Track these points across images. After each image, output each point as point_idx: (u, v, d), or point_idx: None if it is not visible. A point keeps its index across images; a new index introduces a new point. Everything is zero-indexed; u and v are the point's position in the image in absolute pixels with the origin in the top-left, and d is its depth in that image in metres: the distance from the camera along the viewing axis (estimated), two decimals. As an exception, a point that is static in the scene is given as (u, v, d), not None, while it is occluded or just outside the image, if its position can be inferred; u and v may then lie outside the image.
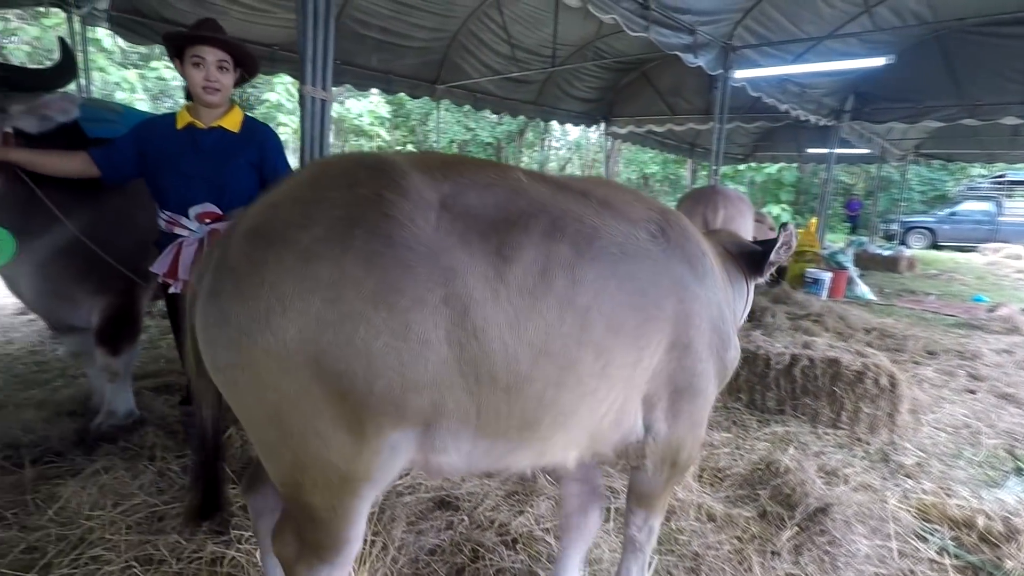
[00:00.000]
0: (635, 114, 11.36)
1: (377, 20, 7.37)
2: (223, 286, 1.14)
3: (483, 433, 1.27)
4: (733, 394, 3.68)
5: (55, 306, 2.65)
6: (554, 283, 1.25)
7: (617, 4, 4.27)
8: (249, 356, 1.11)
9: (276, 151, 2.33)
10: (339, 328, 1.08)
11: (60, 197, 2.37)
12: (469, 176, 1.29)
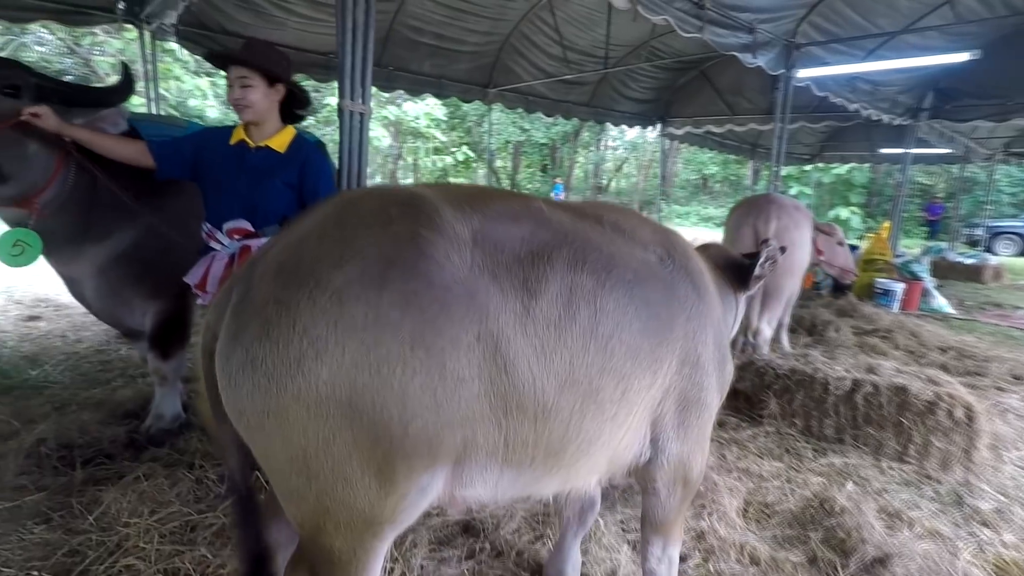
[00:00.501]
0: (693, 114, 10.99)
1: (430, 26, 7.41)
2: (249, 328, 1.08)
3: (510, 464, 1.27)
4: (787, 418, 3.45)
5: (113, 309, 2.76)
6: (578, 314, 1.27)
7: (669, 5, 4.08)
8: (278, 402, 1.06)
9: (316, 172, 2.30)
10: (375, 371, 1.05)
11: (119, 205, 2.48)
12: (496, 208, 1.29)
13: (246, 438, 1.17)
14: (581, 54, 8.55)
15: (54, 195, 2.35)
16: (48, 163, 2.30)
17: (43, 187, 2.30)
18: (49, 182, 2.32)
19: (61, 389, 3.52)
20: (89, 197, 2.44)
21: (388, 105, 21.24)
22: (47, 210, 2.34)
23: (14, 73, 2.21)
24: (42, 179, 2.29)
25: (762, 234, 3.81)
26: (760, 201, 4.06)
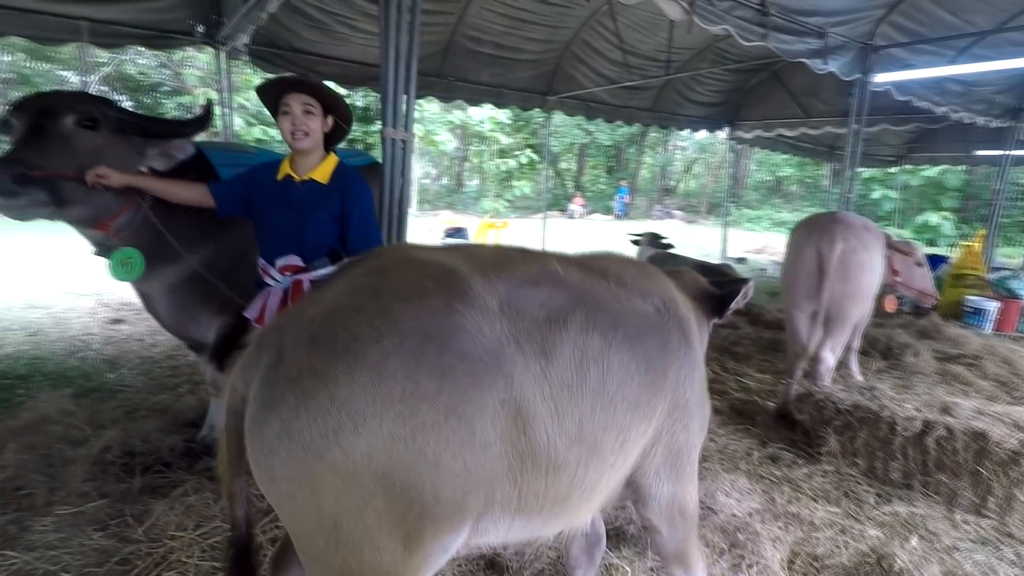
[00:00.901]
0: (763, 117, 10.52)
1: (490, 36, 7.44)
2: (284, 398, 1.08)
3: (521, 514, 1.33)
4: (848, 457, 3.21)
5: (182, 323, 2.92)
6: (588, 375, 1.33)
7: (729, 14, 3.89)
8: (314, 472, 1.08)
9: (355, 200, 2.34)
10: (411, 442, 1.08)
11: (188, 232, 2.64)
12: (518, 274, 1.34)
13: (274, 502, 1.18)
14: (644, 59, 8.35)
15: (128, 220, 2.50)
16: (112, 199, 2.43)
17: (117, 212, 2.46)
18: (124, 208, 2.47)
19: (133, 393, 3.76)
20: (167, 219, 2.58)
21: (454, 109, 21.56)
22: (122, 233, 2.51)
23: (93, 108, 2.35)
24: (116, 205, 2.44)
25: (826, 256, 3.56)
26: (825, 220, 3.79)
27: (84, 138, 2.29)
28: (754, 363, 5.01)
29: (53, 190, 2.19)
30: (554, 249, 1.67)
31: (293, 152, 2.35)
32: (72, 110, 2.29)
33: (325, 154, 2.40)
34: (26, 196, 2.14)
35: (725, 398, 4.19)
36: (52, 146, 2.22)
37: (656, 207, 28.84)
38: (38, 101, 2.33)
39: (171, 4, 5.64)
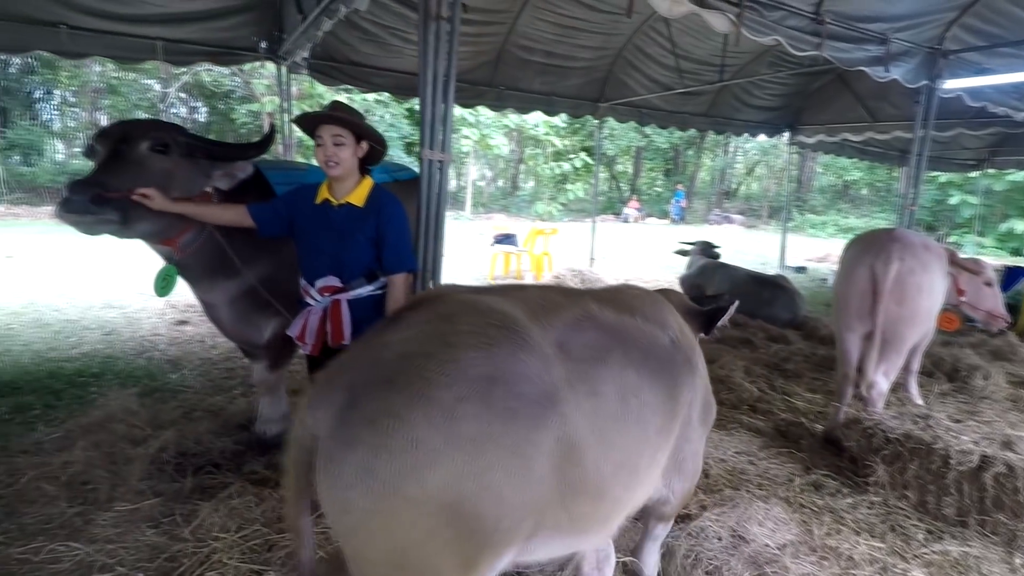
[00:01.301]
0: (828, 121, 10.11)
1: (541, 45, 7.47)
2: (363, 438, 1.16)
3: (566, 533, 1.46)
4: (898, 489, 3.06)
5: (242, 330, 3.12)
6: (629, 407, 1.49)
7: (780, 24, 3.78)
8: (388, 505, 1.15)
9: (388, 222, 2.45)
10: (479, 477, 1.18)
11: (249, 248, 2.81)
12: (565, 318, 1.48)
13: (343, 530, 1.25)
14: (699, 64, 8.19)
15: (193, 237, 2.69)
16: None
17: (183, 229, 2.65)
18: (189, 225, 2.65)
19: (192, 394, 4.00)
20: (229, 236, 2.76)
21: (509, 113, 21.70)
22: (188, 249, 2.70)
23: (164, 134, 2.56)
24: (180, 223, 2.62)
25: (880, 277, 3.40)
26: (881, 238, 3.61)
27: (157, 162, 2.50)
28: (804, 382, 4.83)
29: (123, 210, 2.38)
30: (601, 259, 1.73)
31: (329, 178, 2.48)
32: (147, 137, 2.49)
33: (361, 177, 2.52)
34: (97, 216, 2.32)
35: (770, 418, 4.07)
36: (128, 169, 2.42)
37: (714, 211, 28.09)
38: (118, 129, 2.56)
39: (238, 23, 5.95)
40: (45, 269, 8.26)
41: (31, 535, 2.40)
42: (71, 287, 7.11)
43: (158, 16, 5.58)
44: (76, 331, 5.34)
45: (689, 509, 2.75)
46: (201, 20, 5.79)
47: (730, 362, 4.94)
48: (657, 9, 3.52)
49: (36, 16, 5.15)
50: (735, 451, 3.51)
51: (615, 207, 28.50)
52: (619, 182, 33.32)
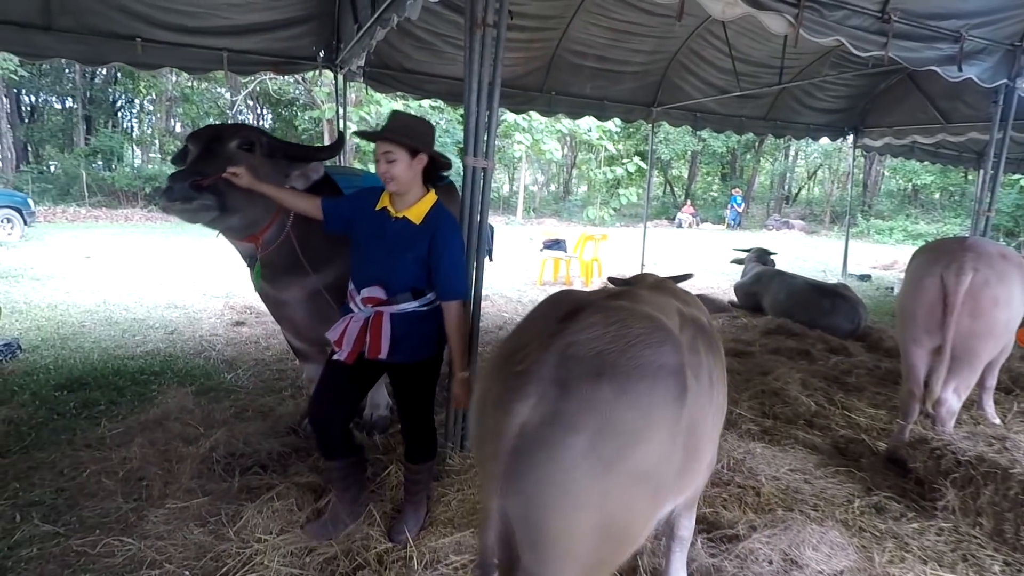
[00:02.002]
0: (895, 123, 9.63)
1: (594, 50, 7.42)
2: (585, 423, 1.32)
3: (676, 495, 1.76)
4: (970, 516, 2.84)
5: (317, 327, 3.14)
6: (713, 385, 1.75)
7: (842, 24, 3.60)
8: (608, 479, 1.32)
9: (445, 247, 2.38)
10: (666, 449, 1.42)
11: (324, 248, 2.93)
12: (677, 318, 1.73)
13: (554, 511, 1.35)
14: (757, 66, 7.95)
15: (274, 235, 2.82)
16: (269, 206, 2.74)
17: (266, 226, 2.78)
18: (271, 222, 2.79)
19: (244, 395, 4.13)
20: (304, 238, 2.85)
21: (562, 119, 21.64)
22: (270, 247, 2.83)
23: (250, 134, 2.75)
24: (264, 219, 2.75)
25: (951, 288, 3.18)
26: (952, 247, 3.37)
27: (243, 158, 2.66)
28: (866, 396, 4.58)
29: (220, 197, 2.54)
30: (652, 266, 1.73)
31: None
32: (236, 135, 2.70)
33: (425, 192, 2.46)
34: (199, 201, 2.49)
35: (828, 435, 3.87)
36: (219, 163, 2.59)
37: (773, 216, 27.17)
38: (209, 130, 2.77)
39: (298, 33, 6.16)
40: (119, 269, 8.76)
41: (90, 528, 2.52)
42: (140, 287, 7.51)
43: (224, 28, 5.84)
44: (142, 330, 5.62)
45: (737, 530, 2.63)
46: (264, 31, 6.03)
47: (786, 374, 4.73)
48: (710, 12, 3.41)
49: (114, 30, 5.48)
50: (789, 468, 3.35)
51: (669, 212, 27.98)
52: (673, 187, 32.71)
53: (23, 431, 3.40)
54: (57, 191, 19.05)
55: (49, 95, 23.64)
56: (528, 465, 1.32)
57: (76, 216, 16.58)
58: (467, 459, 3.12)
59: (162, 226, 15.74)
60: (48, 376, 4.27)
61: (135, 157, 24.03)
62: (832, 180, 29.95)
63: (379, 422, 3.60)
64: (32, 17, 5.14)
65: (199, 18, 5.68)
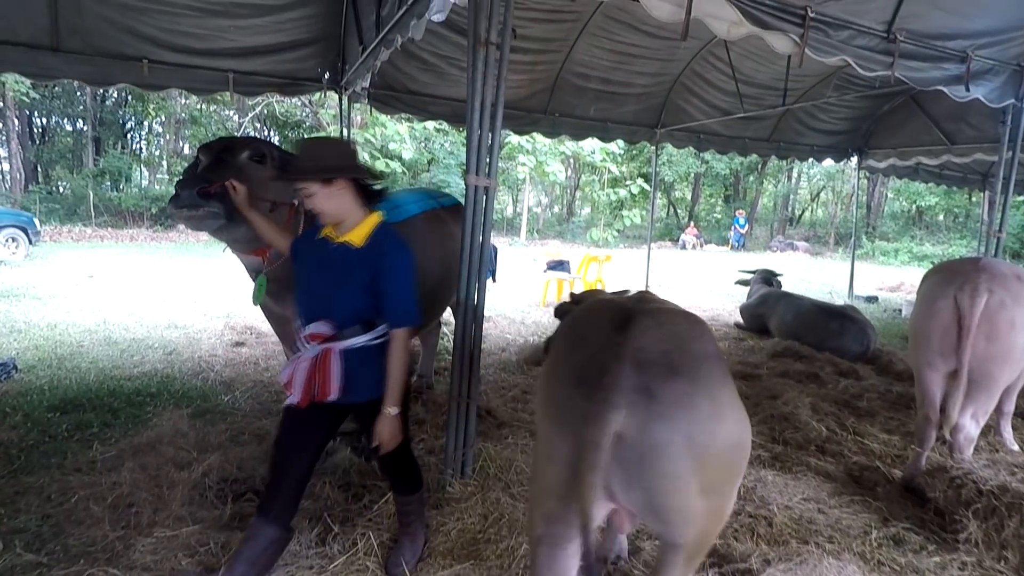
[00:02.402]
0: (899, 145, 9.60)
1: (598, 72, 7.44)
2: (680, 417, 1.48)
3: None
4: (994, 549, 2.71)
5: None
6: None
7: (848, 44, 3.58)
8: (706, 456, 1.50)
9: (390, 275, 2.17)
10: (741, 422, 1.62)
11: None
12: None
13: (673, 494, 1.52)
14: (761, 88, 7.96)
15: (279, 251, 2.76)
16: (278, 219, 2.72)
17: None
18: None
19: (241, 417, 4.04)
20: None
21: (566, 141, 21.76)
22: (276, 261, 2.78)
23: (262, 147, 2.79)
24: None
25: (966, 312, 3.09)
26: (967, 268, 3.29)
27: (254, 170, 2.68)
28: (879, 421, 4.46)
29: (227, 205, 2.53)
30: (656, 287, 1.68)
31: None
32: (247, 147, 2.72)
33: (366, 213, 2.26)
34: (205, 208, 2.48)
35: (840, 461, 3.75)
36: (228, 173, 2.60)
37: (776, 238, 27.13)
38: (220, 142, 2.79)
39: (303, 55, 6.20)
40: (121, 289, 8.73)
41: (74, 557, 2.42)
42: (141, 307, 7.46)
43: (230, 50, 5.88)
44: (140, 350, 5.56)
45: (750, 563, 2.52)
46: (269, 53, 6.06)
47: (795, 398, 4.62)
48: (715, 32, 3.40)
49: (122, 52, 5.52)
50: (802, 497, 3.23)
51: (673, 234, 27.98)
52: (677, 208, 32.78)
53: (12, 454, 3.32)
54: (64, 211, 19.18)
55: (60, 117, 23.95)
56: (640, 468, 1.49)
57: (82, 236, 16.64)
58: (467, 486, 3.02)
59: (166, 246, 15.79)
60: (42, 397, 4.20)
61: (143, 178, 24.26)
62: (836, 202, 29.97)
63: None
64: (40, 39, 5.19)
65: (205, 40, 5.72)
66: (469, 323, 2.80)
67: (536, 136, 20.61)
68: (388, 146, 19.35)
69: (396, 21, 3.77)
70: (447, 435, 2.97)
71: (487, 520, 2.76)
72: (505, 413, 4.26)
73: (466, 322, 2.79)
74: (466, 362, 2.81)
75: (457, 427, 2.90)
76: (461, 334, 2.81)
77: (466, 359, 2.82)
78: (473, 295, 2.78)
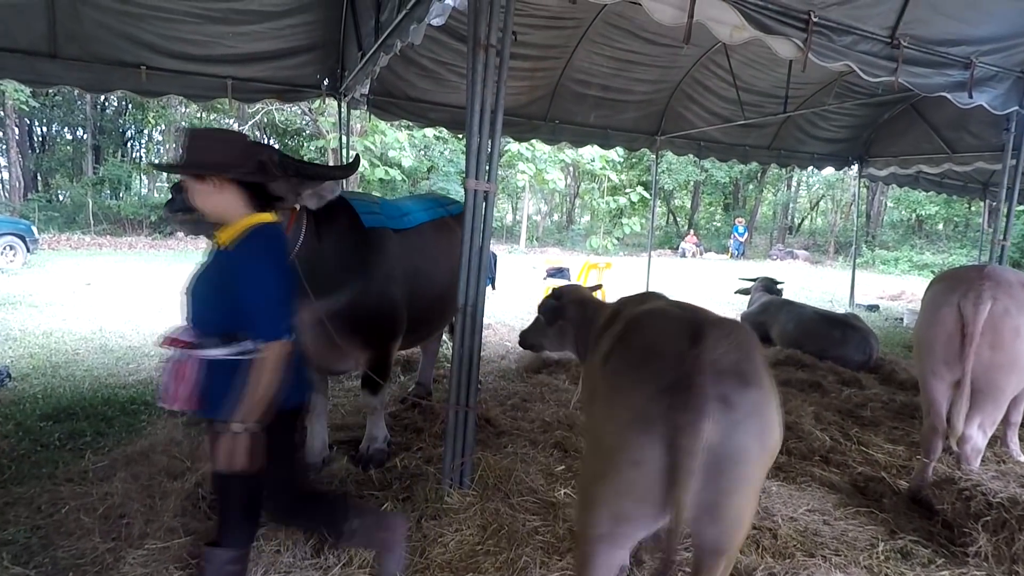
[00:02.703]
0: (900, 153, 9.60)
1: (598, 79, 7.44)
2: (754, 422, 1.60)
3: None
4: (1005, 563, 2.64)
5: (326, 354, 3.05)
6: None
7: (851, 49, 3.55)
8: (769, 451, 1.66)
9: (245, 278, 1.94)
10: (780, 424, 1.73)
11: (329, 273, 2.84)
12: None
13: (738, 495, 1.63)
14: (761, 95, 7.95)
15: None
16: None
17: None
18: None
19: (237, 426, 3.98)
20: (314, 257, 2.73)
21: (565, 149, 21.79)
22: None
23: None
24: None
25: (969, 320, 3.04)
26: (971, 276, 3.25)
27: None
28: (883, 431, 4.40)
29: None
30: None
31: None
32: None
33: (249, 213, 2.05)
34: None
35: (845, 472, 3.69)
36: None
37: (776, 246, 27.13)
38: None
39: (302, 61, 6.18)
40: (118, 296, 8.68)
41: (63, 570, 2.37)
42: (139, 314, 7.41)
43: (228, 56, 5.87)
44: (136, 358, 5.50)
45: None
46: (268, 60, 6.05)
47: (799, 407, 4.57)
48: (717, 36, 3.37)
49: (120, 58, 5.51)
50: (807, 509, 3.17)
51: (672, 242, 27.97)
52: (676, 216, 32.79)
53: (3, 464, 3.26)
54: (64, 219, 19.15)
55: (60, 125, 23.97)
56: (717, 473, 1.55)
57: (80, 243, 16.61)
58: (466, 497, 2.96)
59: (165, 253, 15.74)
60: (35, 406, 4.14)
61: (142, 186, 24.25)
62: (835, 210, 29.98)
63: (375, 455, 3.45)
64: (39, 45, 5.17)
65: (204, 46, 5.70)
66: (468, 330, 2.75)
67: (536, 144, 20.64)
68: (388, 154, 19.35)
69: (395, 26, 3.75)
70: (445, 444, 2.92)
71: (486, 531, 2.70)
72: (505, 422, 4.21)
73: (465, 329, 2.74)
74: (465, 370, 2.76)
75: (455, 436, 2.85)
76: (460, 341, 2.77)
77: (465, 367, 2.78)
78: (473, 301, 2.74)
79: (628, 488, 1.63)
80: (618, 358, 1.81)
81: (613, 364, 1.81)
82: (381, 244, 3.25)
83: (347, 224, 3.04)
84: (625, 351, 1.81)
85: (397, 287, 3.30)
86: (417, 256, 3.52)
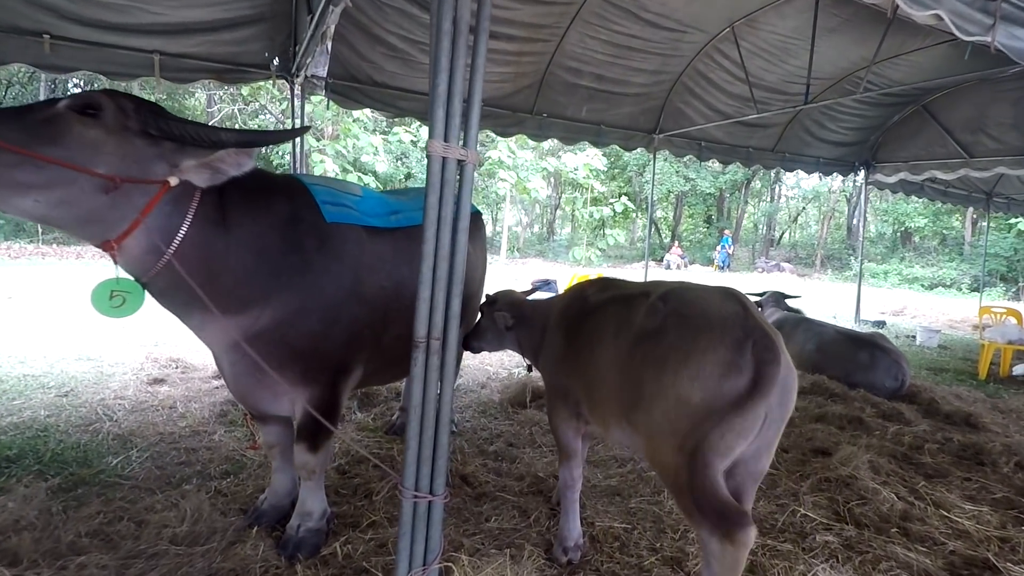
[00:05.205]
0: (911, 158, 8.92)
1: (591, 67, 6.58)
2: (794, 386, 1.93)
3: None
4: None
5: (251, 390, 2.34)
6: None
7: (942, -4, 2.72)
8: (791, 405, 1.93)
9: None
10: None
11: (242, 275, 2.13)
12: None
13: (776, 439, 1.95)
14: (769, 91, 7.20)
15: (144, 247, 1.93)
16: (126, 202, 1.83)
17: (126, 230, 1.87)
18: (134, 225, 1.87)
19: (128, 489, 2.96)
20: (217, 261, 2.06)
21: (547, 156, 21.02)
22: (148, 269, 1.97)
23: (101, 98, 1.81)
24: (116, 215, 1.84)
25: None
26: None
27: (77, 126, 1.76)
28: (955, 484, 3.54)
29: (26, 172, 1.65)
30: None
31: None
32: (72, 97, 1.80)
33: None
34: None
35: (934, 551, 2.79)
36: (35, 127, 1.71)
37: (760, 259, 26.66)
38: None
39: (247, 36, 5.21)
40: (39, 312, 7.53)
41: None
42: (55, 333, 6.29)
43: (155, 27, 4.88)
44: (28, 390, 4.42)
45: None
46: (204, 32, 5.06)
47: (853, 455, 3.67)
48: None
49: (16, 24, 4.49)
50: (906, 617, 2.26)
51: (656, 253, 27.39)
52: (658, 227, 32.28)
53: None
54: (11, 227, 17.70)
55: None
56: (771, 422, 1.84)
57: (21, 252, 15.25)
58: None
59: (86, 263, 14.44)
60: None
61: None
62: (821, 221, 29.65)
63: (307, 539, 2.51)
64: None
65: (124, 12, 4.70)
66: (433, 378, 1.78)
67: (517, 152, 19.83)
68: (360, 159, 18.33)
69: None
70: (399, 546, 1.90)
71: None
72: (486, 479, 3.26)
73: (428, 377, 1.77)
74: (428, 440, 1.79)
75: (414, 534, 1.86)
76: (422, 394, 1.78)
77: (428, 436, 1.80)
78: (439, 332, 1.77)
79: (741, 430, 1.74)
80: (677, 329, 1.88)
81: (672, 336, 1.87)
82: (342, 245, 2.40)
83: (287, 214, 2.27)
84: (681, 322, 1.89)
85: (359, 303, 2.43)
86: (404, 266, 2.62)
